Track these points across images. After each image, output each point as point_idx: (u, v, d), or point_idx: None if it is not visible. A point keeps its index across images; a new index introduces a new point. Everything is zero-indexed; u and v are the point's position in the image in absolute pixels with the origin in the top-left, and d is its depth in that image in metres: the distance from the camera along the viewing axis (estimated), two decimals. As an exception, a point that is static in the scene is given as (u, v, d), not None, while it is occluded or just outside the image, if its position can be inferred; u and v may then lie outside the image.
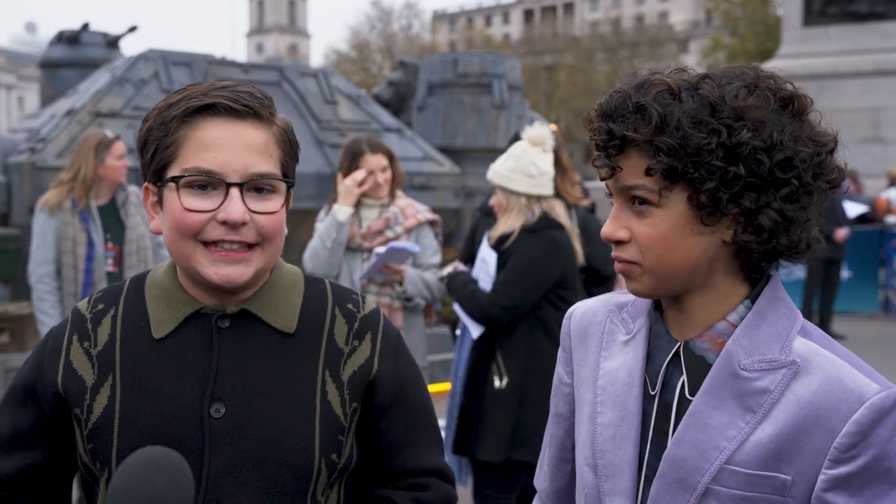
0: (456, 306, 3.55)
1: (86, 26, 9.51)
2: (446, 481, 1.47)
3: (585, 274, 3.80)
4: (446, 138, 9.26)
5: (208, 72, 7.61)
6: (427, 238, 3.88)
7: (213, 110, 1.26)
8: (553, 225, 3.40)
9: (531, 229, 3.36)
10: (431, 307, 4.02)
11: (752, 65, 1.22)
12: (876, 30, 15.68)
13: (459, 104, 9.24)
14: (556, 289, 3.40)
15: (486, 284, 3.44)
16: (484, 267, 3.50)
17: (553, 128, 3.72)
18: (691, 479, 1.18)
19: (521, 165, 3.36)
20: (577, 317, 1.41)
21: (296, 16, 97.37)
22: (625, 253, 1.22)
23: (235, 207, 1.24)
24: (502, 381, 3.36)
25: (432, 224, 3.94)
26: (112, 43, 9.62)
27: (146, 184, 1.34)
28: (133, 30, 9.94)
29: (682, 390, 1.23)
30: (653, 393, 1.26)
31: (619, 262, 1.23)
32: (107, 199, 4.29)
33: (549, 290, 3.39)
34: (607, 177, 1.22)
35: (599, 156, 1.22)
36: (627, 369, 1.28)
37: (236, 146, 1.25)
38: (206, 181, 1.25)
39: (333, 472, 1.33)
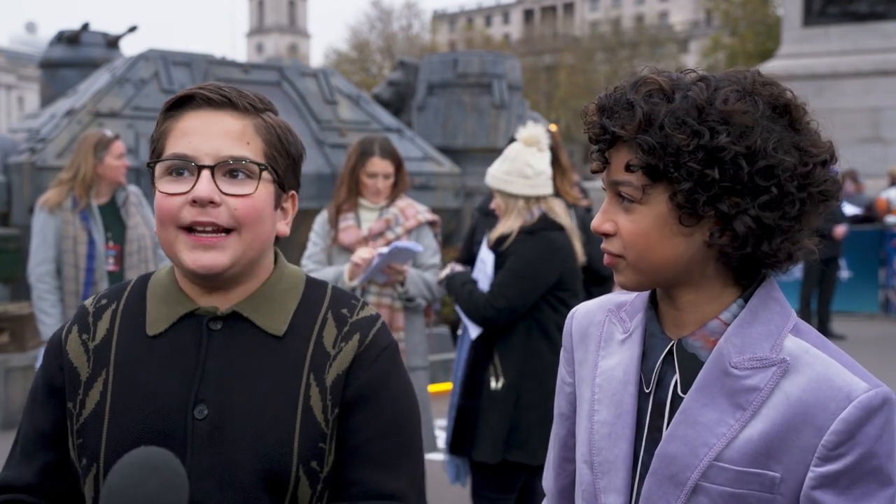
0: (457, 306, 3.55)
1: (86, 26, 9.53)
2: None
3: (585, 274, 3.79)
4: (446, 138, 9.27)
5: (208, 72, 7.61)
6: (427, 238, 3.88)
7: (193, 102, 1.31)
8: (552, 226, 3.39)
9: (529, 231, 3.35)
10: (430, 307, 4.03)
11: (754, 69, 1.22)
12: (876, 30, 15.65)
13: (459, 104, 9.25)
14: (555, 291, 3.39)
15: (485, 285, 3.44)
16: (483, 268, 3.49)
17: (553, 128, 3.73)
18: (681, 476, 1.19)
19: (516, 167, 3.34)
20: (579, 317, 1.42)
21: (296, 16, 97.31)
22: (611, 246, 1.25)
23: (203, 185, 1.26)
24: (499, 382, 3.35)
25: (432, 224, 3.95)
26: (112, 43, 9.64)
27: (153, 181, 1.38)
28: (133, 30, 9.96)
29: (676, 388, 1.24)
30: (648, 391, 1.27)
31: (606, 254, 1.26)
32: (107, 198, 4.30)
33: (548, 292, 3.38)
34: (599, 170, 1.25)
35: (594, 149, 1.25)
36: (623, 367, 1.29)
37: (210, 133, 1.29)
38: (181, 165, 1.28)
39: (317, 482, 1.29)
